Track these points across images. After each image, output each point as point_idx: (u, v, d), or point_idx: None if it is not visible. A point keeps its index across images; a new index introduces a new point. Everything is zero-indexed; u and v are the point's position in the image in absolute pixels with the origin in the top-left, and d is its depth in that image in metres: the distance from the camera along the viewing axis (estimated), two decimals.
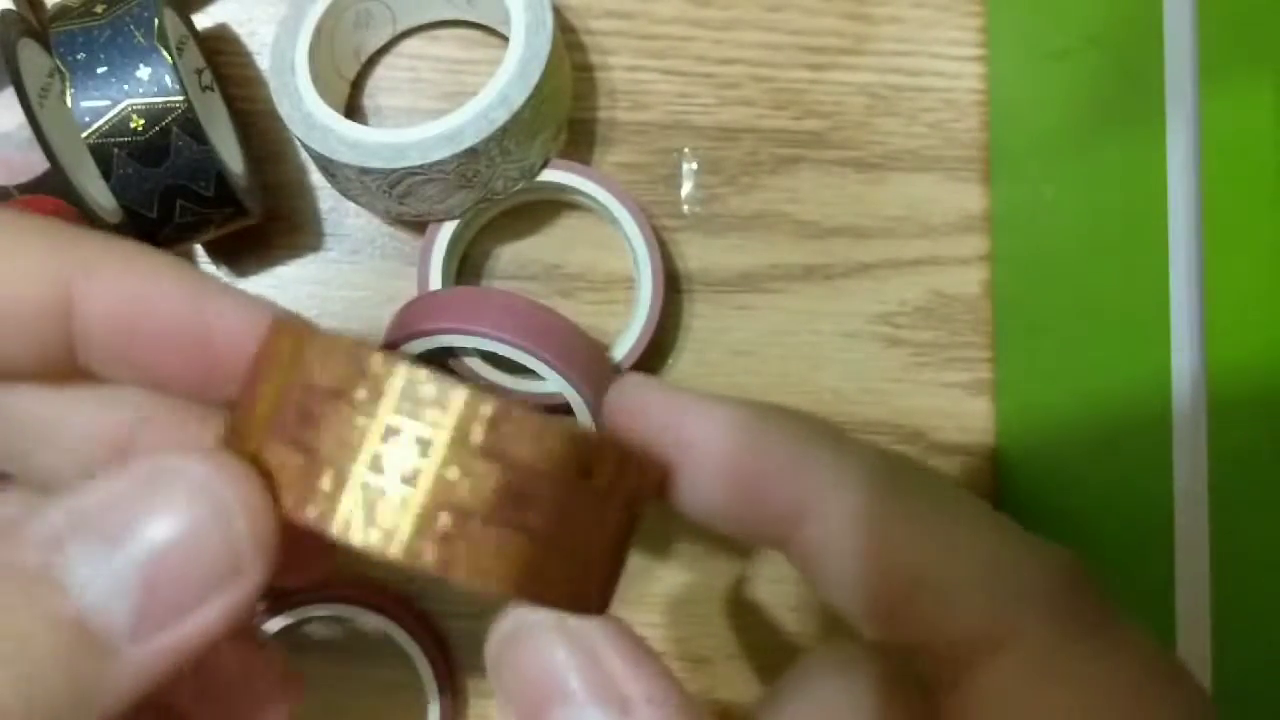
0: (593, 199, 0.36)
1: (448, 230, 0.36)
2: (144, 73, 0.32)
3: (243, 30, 0.39)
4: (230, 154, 0.36)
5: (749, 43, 0.39)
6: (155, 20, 0.33)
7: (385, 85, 0.39)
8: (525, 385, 0.35)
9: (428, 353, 0.33)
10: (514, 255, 0.39)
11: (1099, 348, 0.30)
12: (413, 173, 0.33)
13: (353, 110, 0.39)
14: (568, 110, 0.37)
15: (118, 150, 0.32)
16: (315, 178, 0.39)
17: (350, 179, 0.34)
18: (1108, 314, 0.29)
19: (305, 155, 0.38)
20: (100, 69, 0.32)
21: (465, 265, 0.38)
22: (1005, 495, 0.37)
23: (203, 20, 0.39)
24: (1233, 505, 0.24)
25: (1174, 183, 0.25)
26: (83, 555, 0.14)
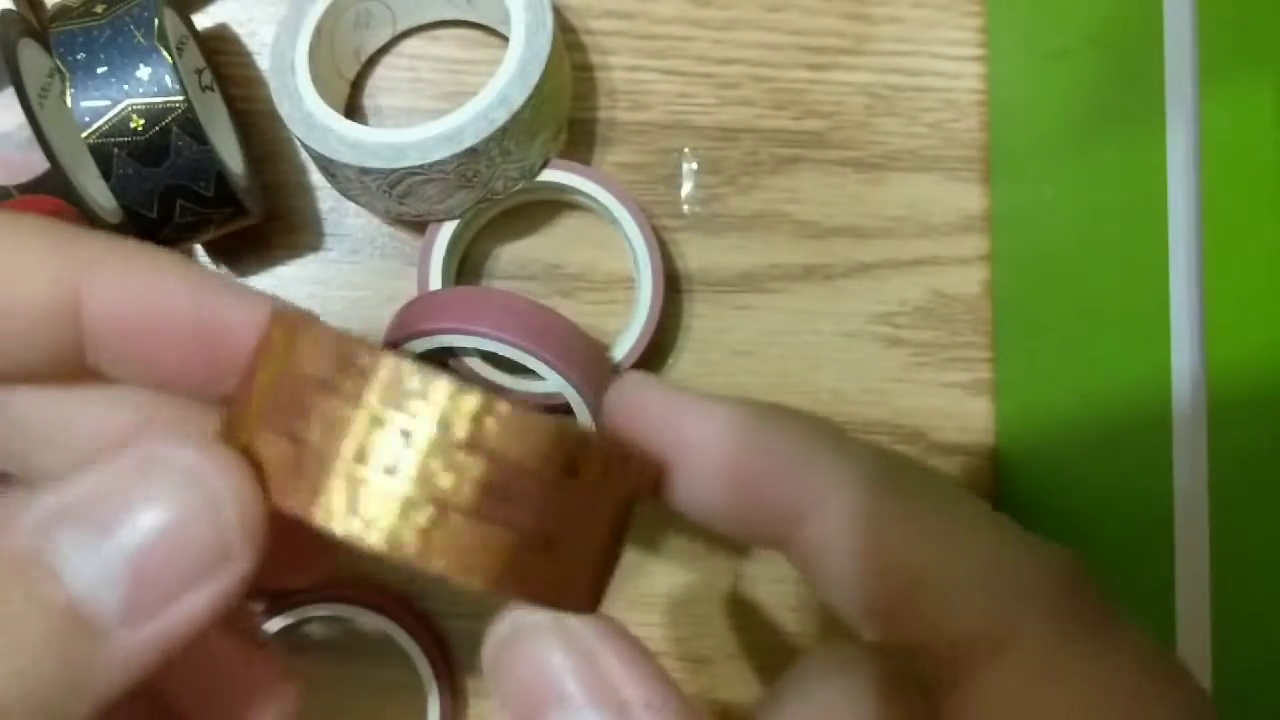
0: (593, 199, 0.36)
1: (448, 230, 0.36)
2: (144, 73, 0.32)
3: (243, 30, 0.39)
4: (230, 154, 0.36)
5: (749, 43, 0.39)
6: (155, 20, 0.33)
7: (385, 85, 0.39)
8: (525, 385, 0.35)
9: (428, 353, 0.33)
10: (514, 255, 0.39)
11: (1099, 348, 0.30)
12: (413, 173, 0.33)
13: (353, 110, 0.39)
14: (568, 110, 0.37)
15: (118, 150, 0.32)
16: (315, 178, 0.39)
17: (350, 179, 0.34)
18: (1108, 314, 0.29)
19: (305, 155, 0.38)
20: (100, 69, 0.32)
21: (465, 265, 0.38)
22: (1005, 495, 0.37)
23: (203, 20, 0.39)
24: (1233, 505, 0.24)
25: (1174, 183, 0.25)
26: (73, 543, 0.14)
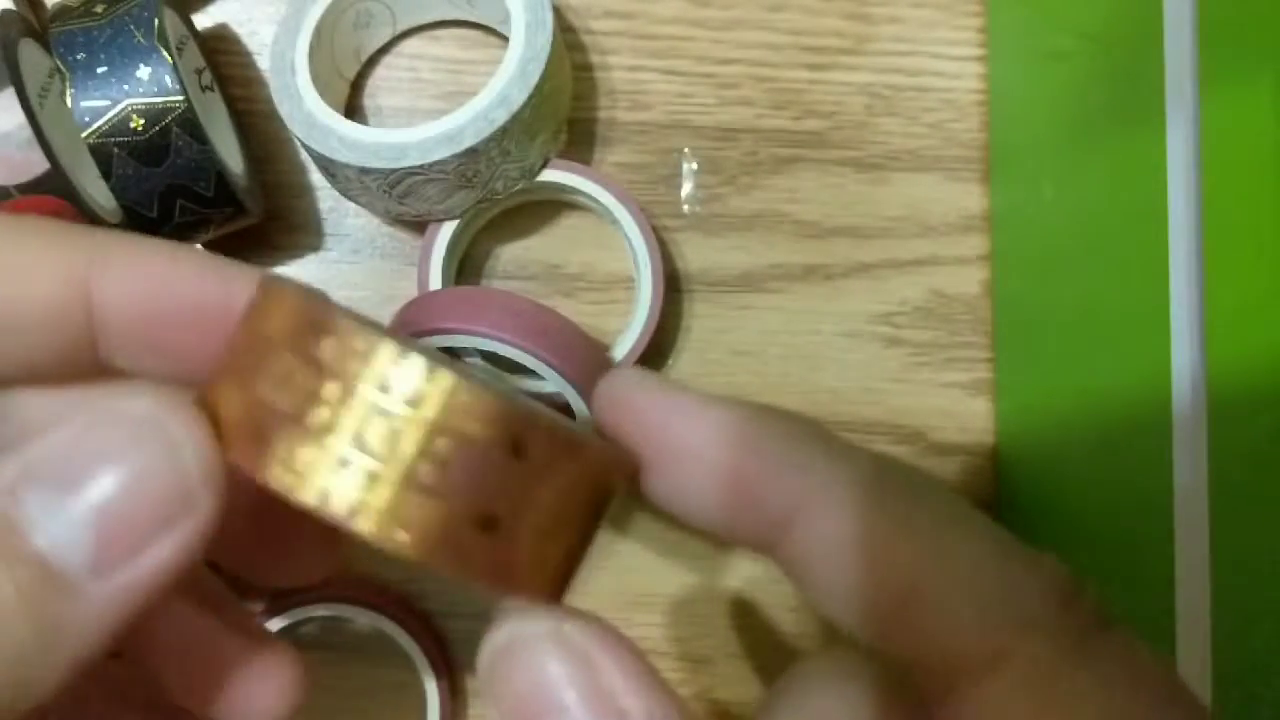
0: (593, 199, 0.36)
1: (448, 230, 0.36)
2: (144, 73, 0.32)
3: (243, 30, 0.39)
4: (230, 154, 0.36)
5: (749, 43, 0.39)
6: (155, 20, 0.33)
7: (385, 85, 0.39)
8: (525, 385, 0.35)
9: None
10: (514, 255, 0.39)
11: (1099, 348, 0.30)
12: (413, 173, 0.33)
13: (353, 110, 0.39)
14: (568, 110, 0.37)
15: (118, 150, 0.32)
16: (315, 178, 0.39)
17: (350, 179, 0.34)
18: (1108, 314, 0.29)
19: (305, 155, 0.38)
20: (100, 69, 0.32)
21: (465, 265, 0.38)
22: (1005, 495, 0.37)
23: (203, 20, 0.39)
24: (1233, 505, 0.24)
25: (1174, 183, 0.25)
26: (39, 503, 0.14)
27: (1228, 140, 0.23)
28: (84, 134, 0.32)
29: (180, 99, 0.32)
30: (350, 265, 0.38)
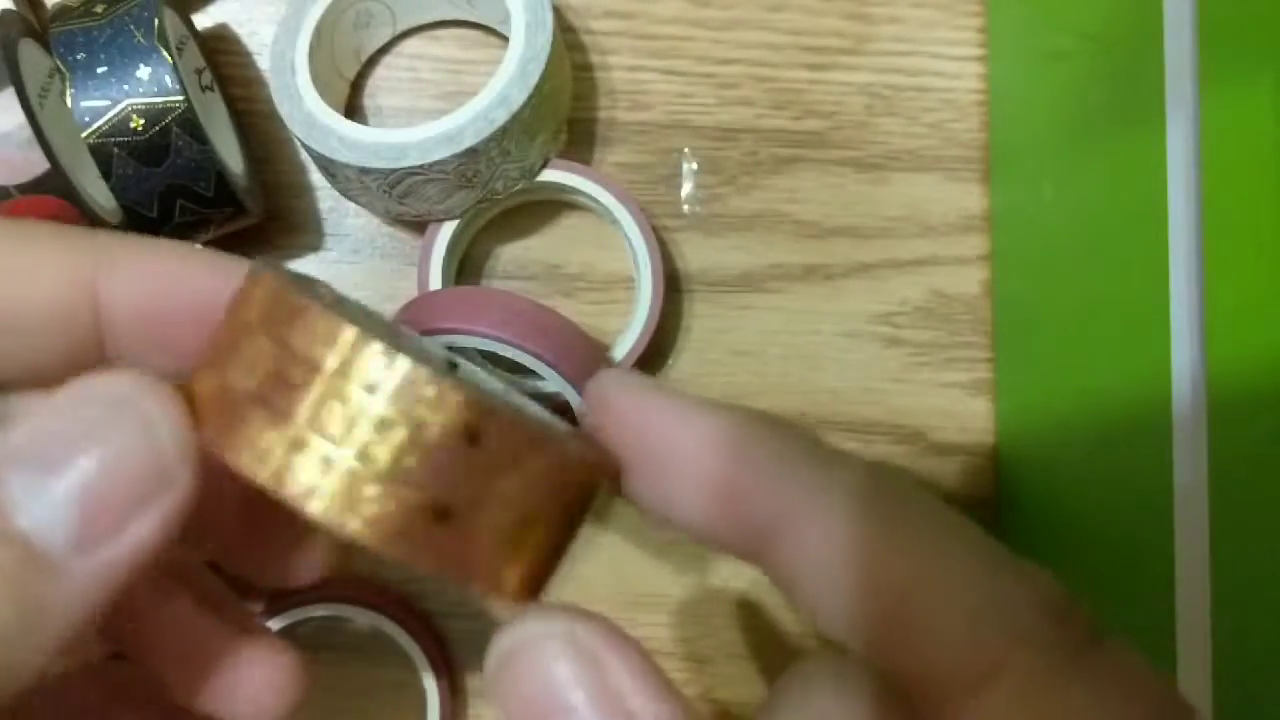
0: (593, 199, 0.36)
1: (448, 230, 0.36)
2: (144, 73, 0.32)
3: (243, 30, 0.39)
4: (230, 154, 0.36)
5: (749, 43, 0.39)
6: (155, 20, 0.33)
7: (385, 85, 0.39)
8: (525, 385, 0.35)
9: None
10: (514, 255, 0.39)
11: (1099, 347, 0.30)
12: (413, 173, 0.33)
13: (353, 110, 0.39)
14: (568, 110, 0.37)
15: (118, 150, 0.32)
16: (315, 178, 0.39)
17: (350, 179, 0.34)
18: (1108, 313, 0.29)
19: (305, 155, 0.38)
20: (100, 69, 0.32)
21: (465, 265, 0.38)
22: (1005, 495, 0.37)
23: (203, 20, 0.39)
24: (1233, 505, 0.24)
25: (1174, 183, 0.25)
26: (22, 484, 0.15)
27: (1228, 140, 0.23)
28: (84, 134, 0.32)
29: (180, 99, 0.32)
30: (350, 265, 0.38)
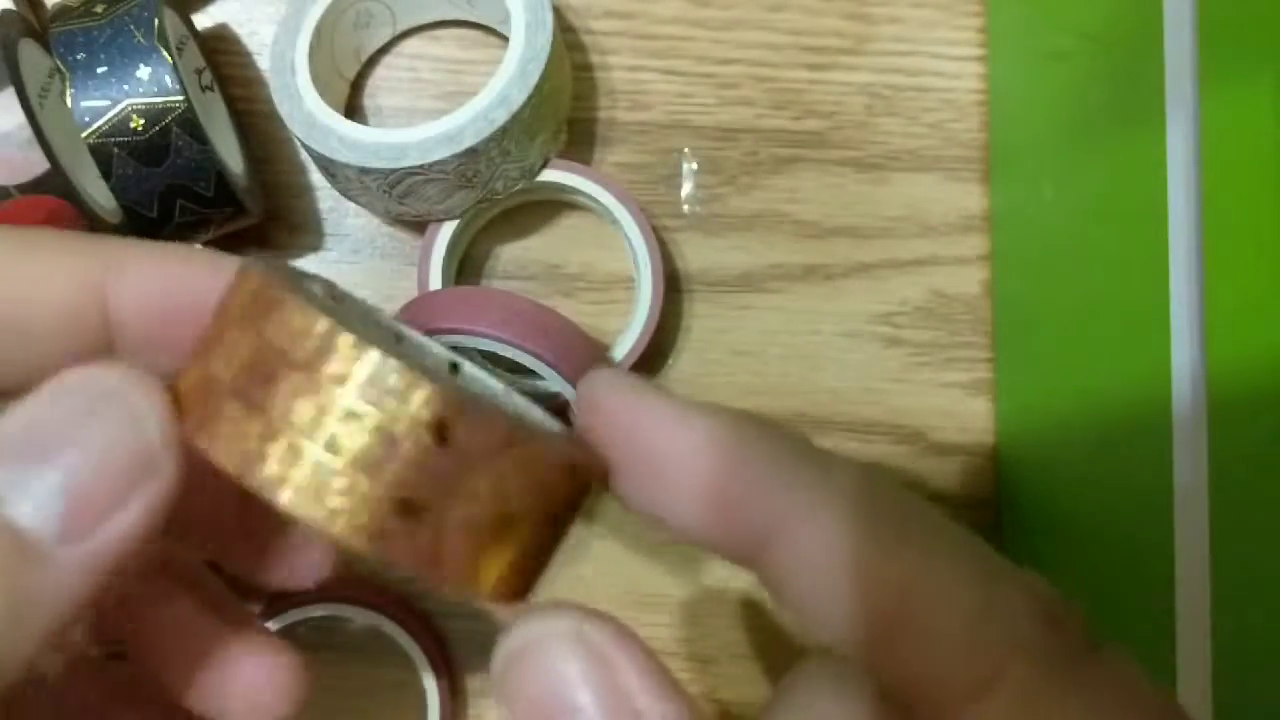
0: (593, 199, 0.36)
1: (448, 230, 0.36)
2: (144, 73, 0.32)
3: (243, 30, 0.39)
4: (230, 154, 0.36)
5: (749, 43, 0.39)
6: (155, 20, 0.33)
7: (385, 85, 0.39)
8: (525, 385, 0.35)
9: None
10: (514, 255, 0.39)
11: (1099, 347, 0.30)
12: (413, 173, 0.33)
13: (353, 110, 0.39)
14: (568, 110, 0.37)
15: (118, 150, 0.32)
16: (315, 178, 0.39)
17: (350, 179, 0.34)
18: (1108, 313, 0.29)
19: (305, 155, 0.38)
20: (100, 69, 0.32)
21: (465, 265, 0.38)
22: (1005, 495, 0.37)
23: (203, 20, 0.39)
24: (1233, 505, 0.24)
25: (1174, 182, 0.25)
26: (8, 474, 0.15)
27: (1228, 140, 0.23)
28: (84, 134, 0.32)
29: (180, 99, 0.32)
30: (350, 265, 0.38)
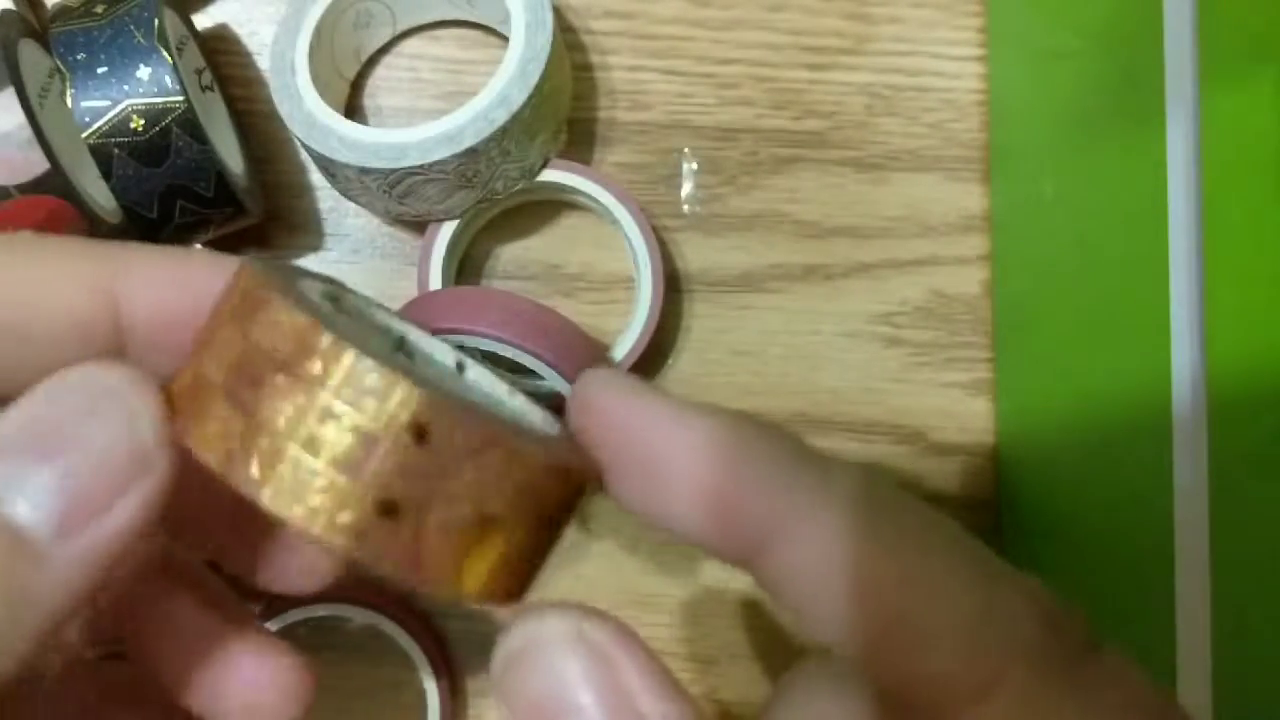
0: (593, 199, 0.36)
1: (448, 230, 0.36)
2: (144, 73, 0.32)
3: (243, 30, 0.39)
4: (230, 154, 0.36)
5: (749, 43, 0.39)
6: (155, 20, 0.33)
7: (385, 85, 0.39)
8: (525, 385, 0.35)
9: None
10: (514, 255, 0.39)
11: (1099, 347, 0.30)
12: (413, 173, 0.33)
13: (353, 110, 0.39)
14: (568, 110, 0.37)
15: (118, 150, 0.32)
16: (315, 178, 0.39)
17: (350, 179, 0.34)
18: (1108, 313, 0.29)
19: (305, 155, 0.38)
20: (100, 69, 0.32)
21: (465, 265, 0.38)
22: (1005, 495, 0.37)
23: (203, 20, 0.39)
24: (1233, 505, 0.24)
25: (1174, 182, 0.25)
26: (7, 470, 0.15)
27: (1228, 140, 0.23)
28: (84, 134, 0.32)
29: (180, 99, 0.32)
30: (350, 265, 0.38)
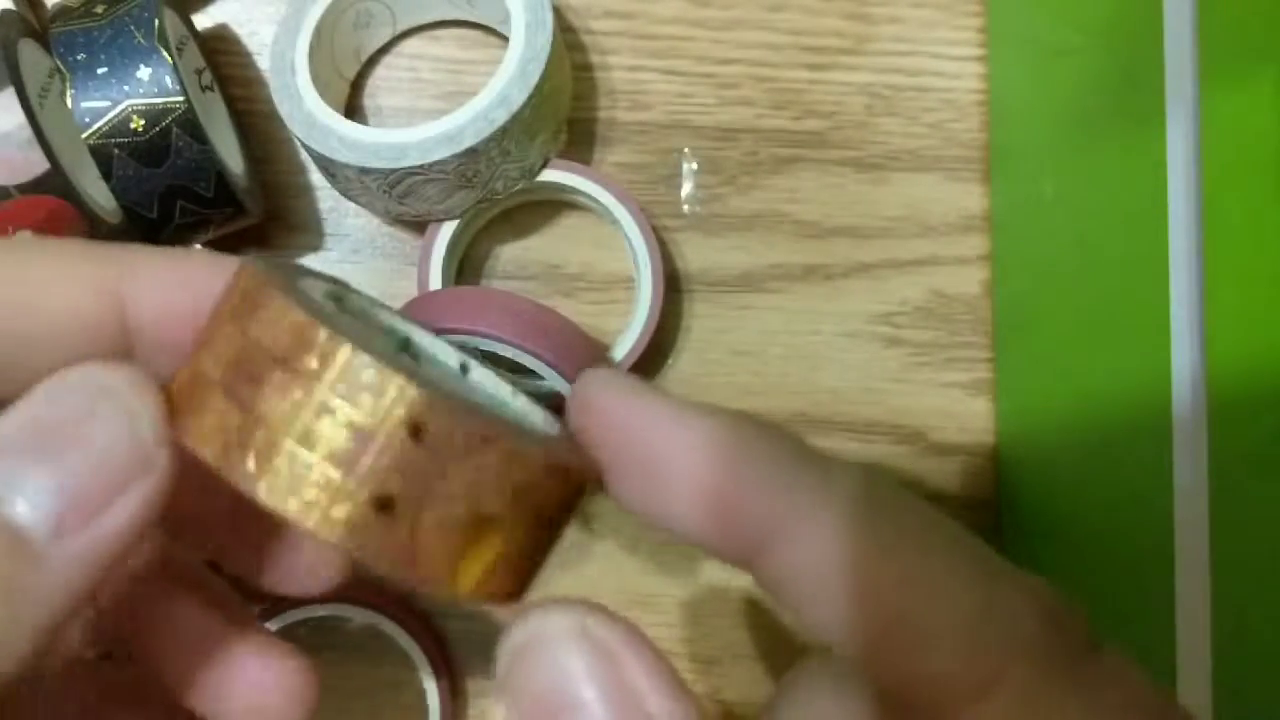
0: (593, 199, 0.36)
1: (448, 230, 0.36)
2: (144, 73, 0.32)
3: (243, 30, 0.39)
4: (230, 154, 0.36)
5: (749, 43, 0.39)
6: (155, 20, 0.33)
7: (385, 85, 0.39)
8: (525, 385, 0.35)
9: None
10: (514, 255, 0.39)
11: (1099, 347, 0.30)
12: (413, 173, 0.33)
13: (353, 110, 0.39)
14: (568, 110, 0.37)
15: (118, 150, 0.32)
16: (315, 178, 0.39)
17: (350, 179, 0.34)
18: (1108, 314, 0.29)
19: (305, 155, 0.38)
20: (100, 69, 0.32)
21: (465, 265, 0.38)
22: (1005, 495, 0.37)
23: (203, 20, 0.39)
24: (1233, 505, 0.24)
25: (1174, 182, 0.25)
26: (7, 471, 0.15)
27: (1228, 140, 0.23)
28: (84, 134, 0.32)
29: (180, 99, 0.32)
30: (350, 265, 0.38)
